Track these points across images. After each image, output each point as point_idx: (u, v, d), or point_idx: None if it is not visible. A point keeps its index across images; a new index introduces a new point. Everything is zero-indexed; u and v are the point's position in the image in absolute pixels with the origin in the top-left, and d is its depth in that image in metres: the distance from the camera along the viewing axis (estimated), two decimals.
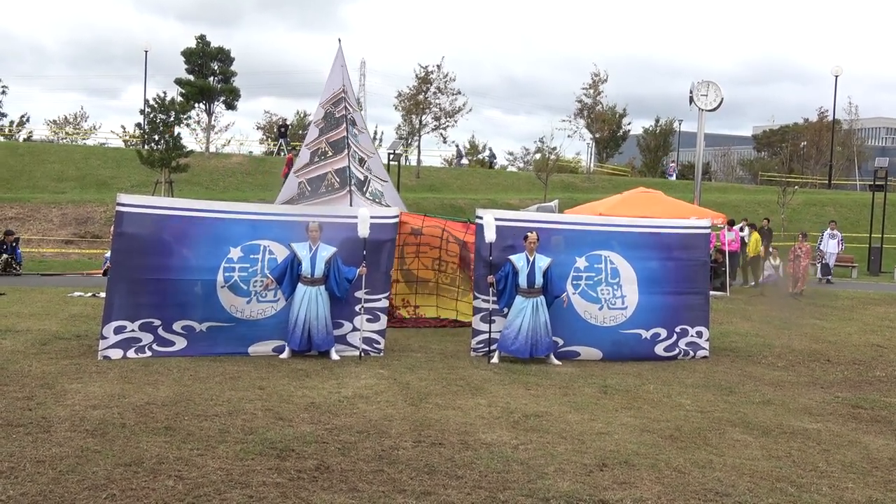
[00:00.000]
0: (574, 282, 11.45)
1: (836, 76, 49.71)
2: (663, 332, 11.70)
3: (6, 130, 51.95)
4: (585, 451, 6.91)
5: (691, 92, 25.10)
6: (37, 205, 31.98)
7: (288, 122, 48.72)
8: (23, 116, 54.62)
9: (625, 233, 11.89)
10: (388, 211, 12.10)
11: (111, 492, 5.50)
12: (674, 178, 51.88)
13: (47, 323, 12.73)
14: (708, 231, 12.54)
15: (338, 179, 14.86)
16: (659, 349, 11.68)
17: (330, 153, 15.33)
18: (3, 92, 49.28)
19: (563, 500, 5.71)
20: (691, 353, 11.79)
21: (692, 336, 11.81)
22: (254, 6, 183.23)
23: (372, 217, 11.05)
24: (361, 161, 15.50)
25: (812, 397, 9.49)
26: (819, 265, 26.65)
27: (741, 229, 24.15)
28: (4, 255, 22.04)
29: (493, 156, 53.12)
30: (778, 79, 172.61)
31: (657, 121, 62.89)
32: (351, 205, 13.70)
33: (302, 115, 60.79)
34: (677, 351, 11.74)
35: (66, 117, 62.19)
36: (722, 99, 25.02)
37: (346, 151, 15.11)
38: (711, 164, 68.79)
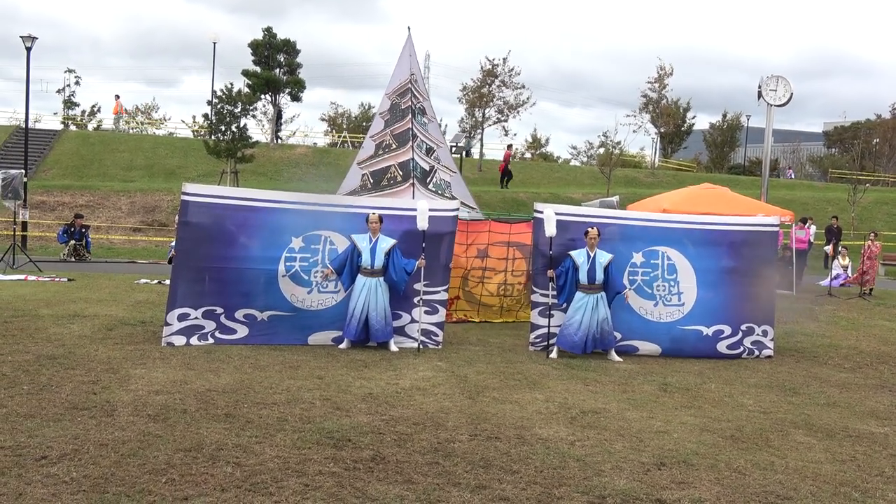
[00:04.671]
0: (630, 277, 11.34)
1: None
2: (727, 330, 11.51)
3: (79, 120, 53.21)
4: (643, 449, 6.82)
5: (760, 87, 24.65)
6: (106, 193, 32.73)
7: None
8: (94, 106, 56.03)
9: (685, 229, 11.70)
10: (447, 203, 12.04)
11: (171, 476, 5.59)
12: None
13: (114, 309, 13.00)
14: (776, 229, 12.26)
15: (401, 172, 14.83)
16: (722, 347, 11.49)
17: (394, 146, 15.29)
18: (77, 82, 50.58)
19: (619, 498, 5.64)
20: (756, 351, 11.58)
21: (758, 334, 11.60)
22: None
23: (431, 210, 11.04)
24: (429, 151, 15.42)
25: (879, 400, 9.24)
26: None
27: (809, 228, 23.64)
28: (73, 241, 22.53)
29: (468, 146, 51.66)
30: (838, 72, 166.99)
31: (724, 115, 61.98)
32: (413, 198, 13.67)
33: (367, 108, 61.13)
34: (742, 349, 11.54)
35: (137, 107, 63.55)
36: (791, 94, 24.52)
37: (409, 144, 15.09)
38: (780, 160, 67.41)
